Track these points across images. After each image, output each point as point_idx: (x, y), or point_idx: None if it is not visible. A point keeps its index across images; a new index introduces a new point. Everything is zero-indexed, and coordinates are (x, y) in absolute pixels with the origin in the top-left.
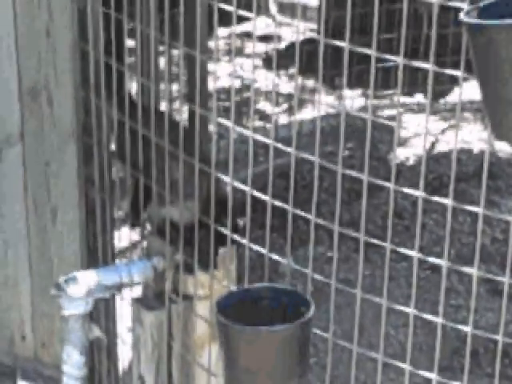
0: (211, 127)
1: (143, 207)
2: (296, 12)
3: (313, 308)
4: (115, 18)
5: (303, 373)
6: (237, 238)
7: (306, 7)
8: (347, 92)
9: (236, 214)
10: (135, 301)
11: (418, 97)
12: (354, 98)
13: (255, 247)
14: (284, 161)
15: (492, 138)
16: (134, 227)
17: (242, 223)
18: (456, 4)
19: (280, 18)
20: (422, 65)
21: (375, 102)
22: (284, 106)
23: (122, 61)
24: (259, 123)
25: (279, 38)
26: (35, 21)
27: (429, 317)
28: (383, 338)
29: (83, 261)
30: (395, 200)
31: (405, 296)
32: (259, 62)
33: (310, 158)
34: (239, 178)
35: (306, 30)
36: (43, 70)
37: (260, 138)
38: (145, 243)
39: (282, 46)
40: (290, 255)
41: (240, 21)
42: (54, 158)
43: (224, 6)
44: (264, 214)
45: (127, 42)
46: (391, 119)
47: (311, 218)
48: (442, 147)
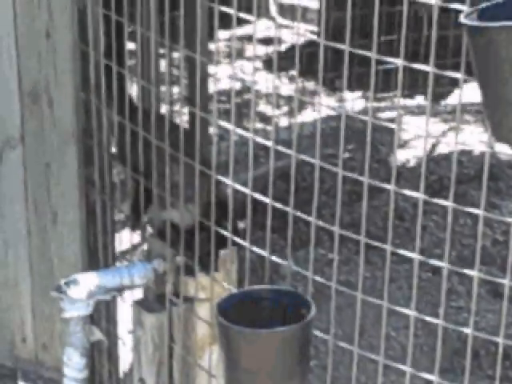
0: (212, 129)
1: (144, 209)
2: (296, 14)
3: (313, 309)
4: (116, 21)
5: (304, 374)
6: (237, 239)
7: (306, 9)
8: (347, 94)
9: (237, 216)
10: (136, 303)
11: (419, 99)
12: (354, 100)
13: (256, 249)
14: (284, 163)
15: (492, 140)
16: (134, 229)
17: (242, 225)
18: (456, 6)
19: (280, 20)
20: (422, 67)
21: (375, 104)
22: (284, 108)
23: (122, 63)
24: (260, 125)
25: (279, 40)
26: (35, 21)
27: (429, 318)
28: (384, 340)
29: (84, 262)
30: (396, 202)
31: (405, 298)
32: (259, 64)
33: (311, 159)
34: (240, 180)
35: (307, 32)
36: (43, 70)
37: (260, 140)
38: (145, 245)
39: (283, 48)
40: (291, 257)
41: (240, 23)
42: (54, 159)
43: (224, 8)
44: (265, 216)
45: (128, 44)
46: (391, 121)
47: (312, 220)
48: (442, 149)
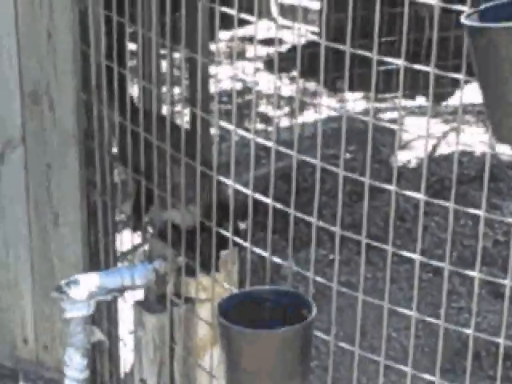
0: (213, 130)
1: (145, 210)
2: (297, 15)
3: (314, 310)
4: (117, 21)
5: (304, 375)
6: (238, 240)
7: (307, 10)
8: (348, 95)
9: (238, 217)
10: (137, 304)
11: (420, 100)
12: (355, 100)
13: (257, 250)
14: (285, 163)
15: (493, 141)
16: (135, 230)
17: (243, 226)
18: (457, 7)
19: (281, 21)
20: (423, 68)
21: (377, 104)
22: (285, 109)
23: (123, 64)
24: (261, 126)
25: (280, 40)
26: (36, 21)
27: (430, 319)
28: (385, 341)
29: (85, 263)
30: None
31: (407, 298)
32: (260, 64)
33: (312, 160)
34: (241, 180)
35: (308, 32)
36: (44, 71)
37: (262, 141)
38: (146, 246)
39: (284, 48)
40: (292, 258)
41: (241, 24)
42: (55, 160)
43: (225, 9)
44: (266, 217)
45: (129, 45)
46: (393, 122)
47: (313, 221)
48: (443, 150)
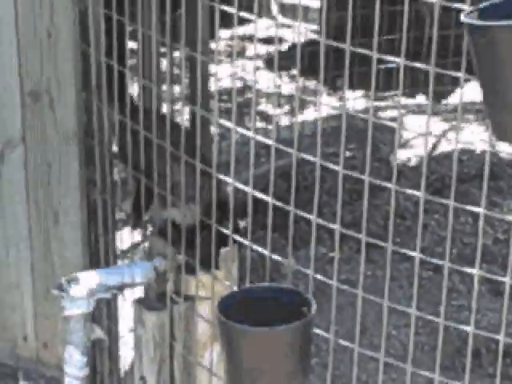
0: (213, 128)
1: (145, 208)
2: (297, 13)
3: (314, 308)
4: (117, 20)
5: (305, 372)
6: (238, 238)
7: (307, 9)
8: (349, 93)
9: (238, 215)
10: (137, 301)
11: (420, 98)
12: (355, 99)
13: (257, 248)
14: (285, 162)
15: (493, 139)
16: (135, 228)
17: (243, 224)
18: (457, 5)
19: (281, 19)
20: (423, 66)
21: (377, 103)
22: (285, 108)
23: (123, 63)
24: (261, 124)
25: (281, 39)
26: (37, 21)
27: (430, 317)
28: (385, 338)
29: (85, 262)
30: (397, 201)
31: (407, 296)
32: (261, 63)
33: (312, 158)
34: (241, 178)
35: (308, 31)
36: (45, 70)
37: (262, 139)
38: (146, 244)
39: (284, 47)
40: (292, 256)
41: (241, 22)
42: (55, 160)
43: (225, 7)
44: (266, 215)
45: (129, 43)
46: (393, 120)
47: (313, 219)
48: (443, 148)
